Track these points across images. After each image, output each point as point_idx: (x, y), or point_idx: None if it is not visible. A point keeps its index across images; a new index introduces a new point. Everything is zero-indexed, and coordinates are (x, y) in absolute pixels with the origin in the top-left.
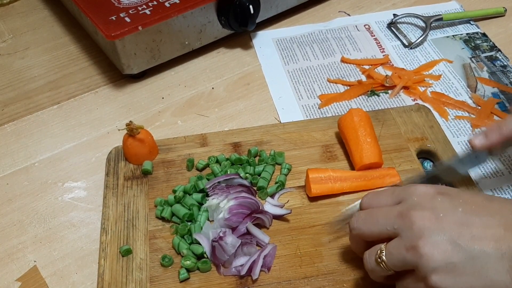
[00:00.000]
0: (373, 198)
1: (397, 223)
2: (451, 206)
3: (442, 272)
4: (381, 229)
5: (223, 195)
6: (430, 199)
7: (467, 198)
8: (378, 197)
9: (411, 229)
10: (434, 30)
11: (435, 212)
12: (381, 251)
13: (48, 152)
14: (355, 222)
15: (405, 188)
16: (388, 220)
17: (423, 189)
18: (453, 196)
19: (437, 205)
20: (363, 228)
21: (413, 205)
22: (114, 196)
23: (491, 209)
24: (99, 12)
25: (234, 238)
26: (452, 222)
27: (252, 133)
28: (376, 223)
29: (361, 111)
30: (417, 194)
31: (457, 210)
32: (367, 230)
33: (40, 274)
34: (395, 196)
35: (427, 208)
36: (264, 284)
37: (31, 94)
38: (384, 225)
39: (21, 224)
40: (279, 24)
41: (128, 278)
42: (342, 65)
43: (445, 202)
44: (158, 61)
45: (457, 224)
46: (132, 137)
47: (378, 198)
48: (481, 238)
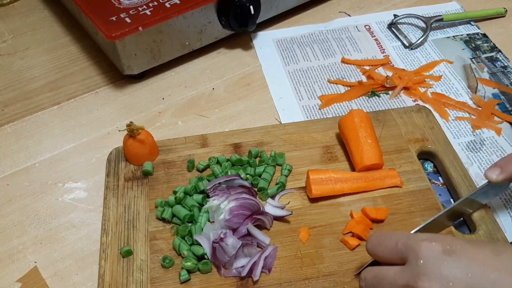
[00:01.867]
0: (377, 246)
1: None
2: (459, 271)
3: None
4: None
5: (224, 196)
6: (436, 264)
7: (474, 255)
8: (381, 246)
9: None
10: (435, 31)
11: (443, 281)
12: None
13: (48, 153)
14: (362, 285)
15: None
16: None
17: (429, 250)
18: (460, 255)
19: (445, 271)
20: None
21: (419, 273)
22: (115, 197)
23: (501, 266)
24: (99, 12)
25: (235, 239)
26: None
27: (253, 134)
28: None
29: (362, 112)
30: (422, 256)
31: (466, 276)
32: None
33: (41, 275)
34: (398, 250)
35: (435, 277)
36: (264, 286)
37: (31, 94)
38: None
39: (22, 225)
40: (279, 24)
41: (129, 279)
42: (342, 66)
43: (452, 266)
44: (158, 62)
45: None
46: (133, 138)
47: (381, 248)
48: None
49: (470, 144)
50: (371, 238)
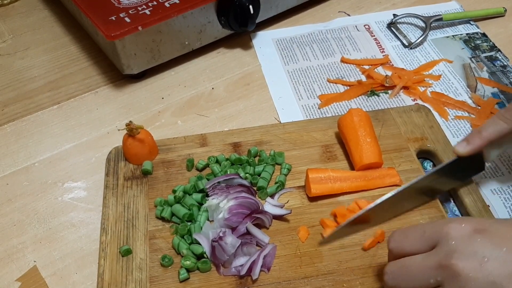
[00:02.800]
0: (403, 241)
1: (439, 275)
2: (493, 247)
3: None
4: (422, 283)
5: (223, 195)
6: (469, 242)
7: (506, 232)
8: (408, 239)
9: (456, 281)
10: (434, 30)
11: (477, 258)
12: None
13: (48, 152)
14: (390, 279)
15: (436, 227)
16: (427, 273)
17: (459, 229)
18: (492, 232)
19: (478, 248)
20: (401, 285)
21: (451, 252)
22: (114, 196)
23: None
24: (99, 12)
25: (234, 238)
26: (497, 264)
27: (252, 133)
28: (414, 278)
29: (361, 111)
30: (453, 237)
31: (500, 251)
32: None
33: (40, 274)
34: (427, 238)
35: (468, 254)
36: (264, 284)
37: (31, 94)
38: (424, 279)
39: (21, 224)
40: (279, 24)
41: (128, 278)
42: (342, 65)
43: (485, 243)
44: (158, 61)
45: (504, 267)
46: (132, 137)
47: (409, 242)
48: None
49: None
50: (394, 235)
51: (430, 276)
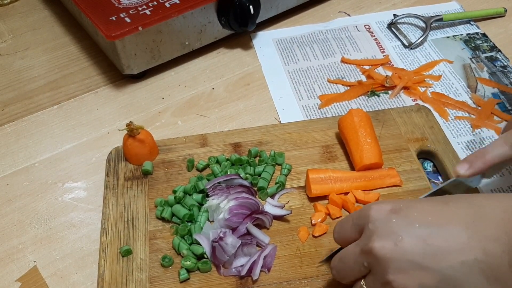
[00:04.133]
0: (340, 231)
1: (365, 260)
2: (407, 224)
3: None
4: (355, 272)
5: (223, 196)
6: (385, 223)
7: (421, 208)
8: (343, 229)
9: (378, 263)
10: (434, 31)
11: (392, 237)
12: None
13: (48, 153)
14: (335, 273)
15: (361, 212)
16: (356, 261)
17: (377, 211)
18: (407, 210)
19: (393, 227)
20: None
21: (371, 236)
22: (114, 196)
23: (447, 214)
24: (99, 12)
25: (234, 239)
26: (411, 242)
27: (252, 134)
28: (350, 268)
29: (361, 111)
30: (372, 219)
31: (413, 228)
32: (346, 278)
33: (40, 275)
34: (355, 224)
35: (385, 235)
36: (264, 285)
37: (31, 94)
38: (355, 268)
39: (21, 225)
40: (279, 24)
41: (128, 278)
42: (342, 66)
43: (400, 221)
44: (158, 62)
45: (418, 244)
46: (132, 138)
47: (343, 231)
48: (444, 254)
49: (469, 144)
50: (335, 227)
51: (360, 263)
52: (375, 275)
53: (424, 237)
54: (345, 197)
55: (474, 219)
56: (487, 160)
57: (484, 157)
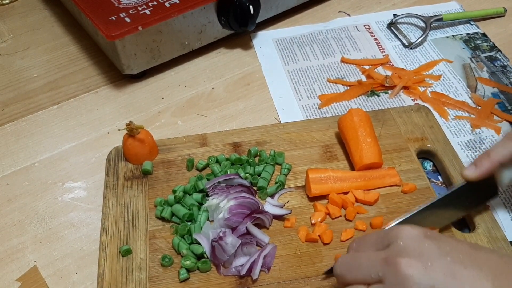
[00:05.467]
0: (360, 241)
1: (382, 270)
2: (439, 254)
3: None
4: (365, 275)
5: (223, 195)
6: (417, 244)
7: (455, 245)
8: (365, 240)
9: (397, 276)
10: (434, 30)
11: (422, 260)
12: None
13: (48, 152)
14: (338, 268)
15: (391, 230)
16: (372, 266)
17: (410, 232)
18: (441, 241)
19: (425, 251)
20: (345, 274)
21: (399, 251)
22: (114, 196)
23: (478, 259)
24: (99, 12)
25: (234, 238)
26: (440, 272)
27: (252, 133)
28: (359, 269)
29: (361, 111)
30: (404, 238)
31: (445, 259)
32: (350, 277)
33: (40, 274)
34: (380, 238)
35: (414, 255)
36: (264, 284)
37: (31, 94)
38: (368, 271)
39: (21, 224)
40: (279, 24)
41: (128, 278)
42: (342, 65)
43: (433, 248)
44: (158, 61)
45: (445, 275)
46: (132, 137)
47: (365, 241)
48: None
49: (469, 143)
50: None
51: (375, 269)
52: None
53: (453, 272)
54: (345, 196)
55: (503, 271)
56: (493, 158)
57: (489, 156)
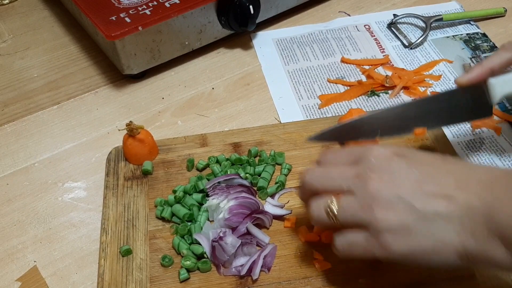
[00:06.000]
0: (331, 155)
1: (354, 183)
2: (407, 168)
3: (396, 232)
4: (336, 186)
5: (223, 195)
6: (387, 161)
7: (424, 159)
8: (336, 154)
9: (367, 189)
10: (434, 30)
11: (391, 174)
12: (332, 204)
13: (48, 152)
14: (308, 177)
15: (363, 148)
16: (344, 179)
17: (381, 151)
18: (410, 157)
19: (394, 166)
20: (316, 184)
21: (370, 167)
22: (114, 196)
23: (445, 169)
24: (99, 12)
25: (234, 238)
26: (408, 183)
27: (252, 133)
28: (331, 180)
29: (361, 111)
30: (375, 156)
31: (413, 172)
32: (320, 186)
33: (40, 274)
34: (352, 155)
35: (384, 170)
36: (264, 284)
37: (31, 94)
38: (339, 183)
39: (21, 224)
40: (279, 24)
41: (128, 278)
42: (342, 65)
43: (402, 163)
44: (158, 61)
45: (412, 185)
46: (132, 137)
47: (336, 156)
48: (434, 198)
49: (469, 144)
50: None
51: (347, 182)
52: (357, 198)
53: (419, 182)
54: None
55: (466, 177)
56: (484, 64)
57: (481, 64)
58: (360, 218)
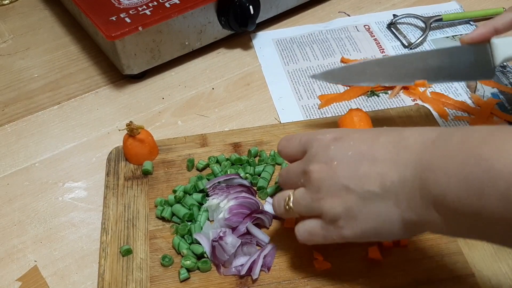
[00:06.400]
0: (285, 146)
1: (302, 178)
2: (342, 152)
3: (344, 218)
4: (293, 184)
5: (223, 195)
6: (325, 149)
7: (358, 138)
8: (289, 144)
9: (312, 182)
10: (434, 31)
11: (328, 162)
12: (289, 199)
13: (48, 152)
14: (280, 180)
15: (309, 136)
16: (296, 176)
17: (321, 139)
18: (345, 140)
19: (331, 154)
20: (282, 183)
21: (311, 159)
22: (115, 196)
23: (378, 145)
24: (99, 12)
25: (234, 238)
26: (344, 167)
27: (252, 133)
28: (288, 179)
29: (361, 111)
30: (316, 145)
31: (347, 155)
32: (284, 184)
33: (41, 274)
34: (301, 144)
35: (322, 159)
36: (264, 284)
37: (31, 94)
38: (294, 180)
39: (22, 224)
40: (279, 24)
41: (129, 278)
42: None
43: (338, 149)
44: (158, 62)
45: (349, 169)
46: (133, 137)
47: (289, 148)
48: (367, 178)
49: None
50: (280, 141)
51: (298, 179)
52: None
53: (354, 163)
54: None
55: (397, 148)
56: (489, 24)
57: (486, 23)
58: (312, 209)
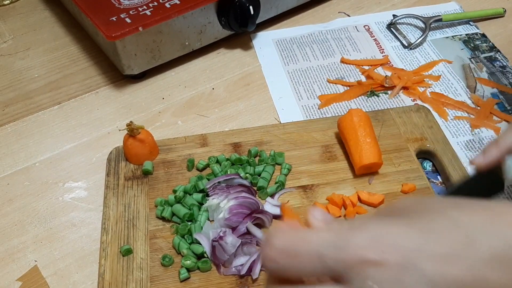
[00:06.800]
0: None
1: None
2: None
3: None
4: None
5: (223, 195)
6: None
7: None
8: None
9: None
10: (434, 31)
11: None
12: None
13: (48, 152)
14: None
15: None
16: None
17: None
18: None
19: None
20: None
21: None
22: (115, 196)
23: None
24: (99, 12)
25: (234, 238)
26: None
27: (252, 134)
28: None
29: (361, 111)
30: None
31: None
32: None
33: (41, 274)
34: (327, 266)
35: None
36: (264, 284)
37: (31, 94)
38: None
39: (22, 224)
40: (279, 24)
41: (129, 277)
42: (341, 66)
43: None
44: (158, 62)
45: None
46: (133, 137)
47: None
48: None
49: (469, 143)
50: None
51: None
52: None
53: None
54: (345, 197)
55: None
56: (501, 145)
57: (496, 144)
58: None
